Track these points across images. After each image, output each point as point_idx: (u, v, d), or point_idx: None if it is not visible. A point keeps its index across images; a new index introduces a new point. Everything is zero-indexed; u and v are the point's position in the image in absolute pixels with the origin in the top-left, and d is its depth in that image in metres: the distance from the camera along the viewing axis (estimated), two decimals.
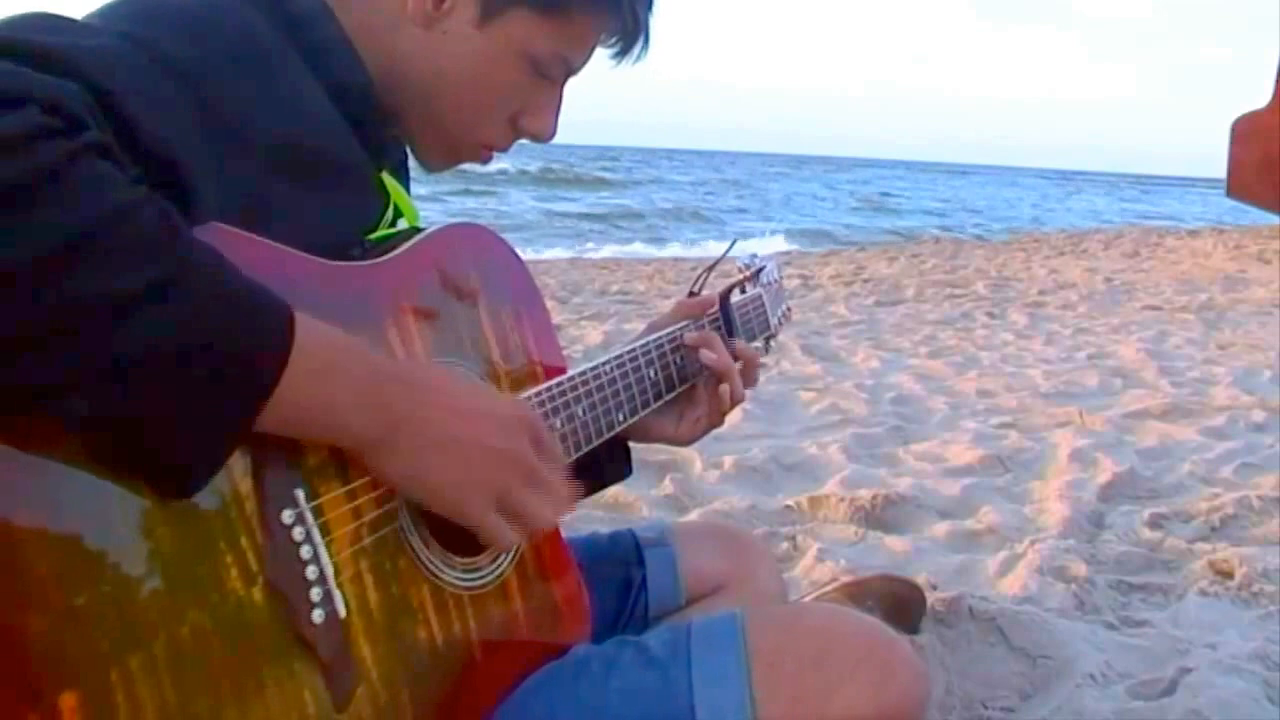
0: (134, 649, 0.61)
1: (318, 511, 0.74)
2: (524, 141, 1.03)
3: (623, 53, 0.99)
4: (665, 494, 2.56)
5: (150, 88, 0.71)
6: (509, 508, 0.81)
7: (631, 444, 1.22)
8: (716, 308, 1.23)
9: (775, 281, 1.43)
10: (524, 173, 26.51)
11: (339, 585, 0.74)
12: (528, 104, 0.98)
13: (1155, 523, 2.38)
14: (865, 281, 8.21)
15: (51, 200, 0.58)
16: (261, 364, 0.66)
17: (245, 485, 0.69)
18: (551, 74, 0.97)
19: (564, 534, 1.02)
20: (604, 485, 1.22)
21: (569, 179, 28.47)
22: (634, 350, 1.11)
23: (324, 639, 0.73)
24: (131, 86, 0.69)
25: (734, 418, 3.36)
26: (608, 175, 32.65)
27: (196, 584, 0.65)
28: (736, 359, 1.18)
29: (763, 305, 1.37)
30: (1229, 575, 2.06)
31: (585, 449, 1.01)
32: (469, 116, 0.97)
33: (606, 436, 1.05)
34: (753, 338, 1.32)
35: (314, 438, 0.73)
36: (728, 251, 1.32)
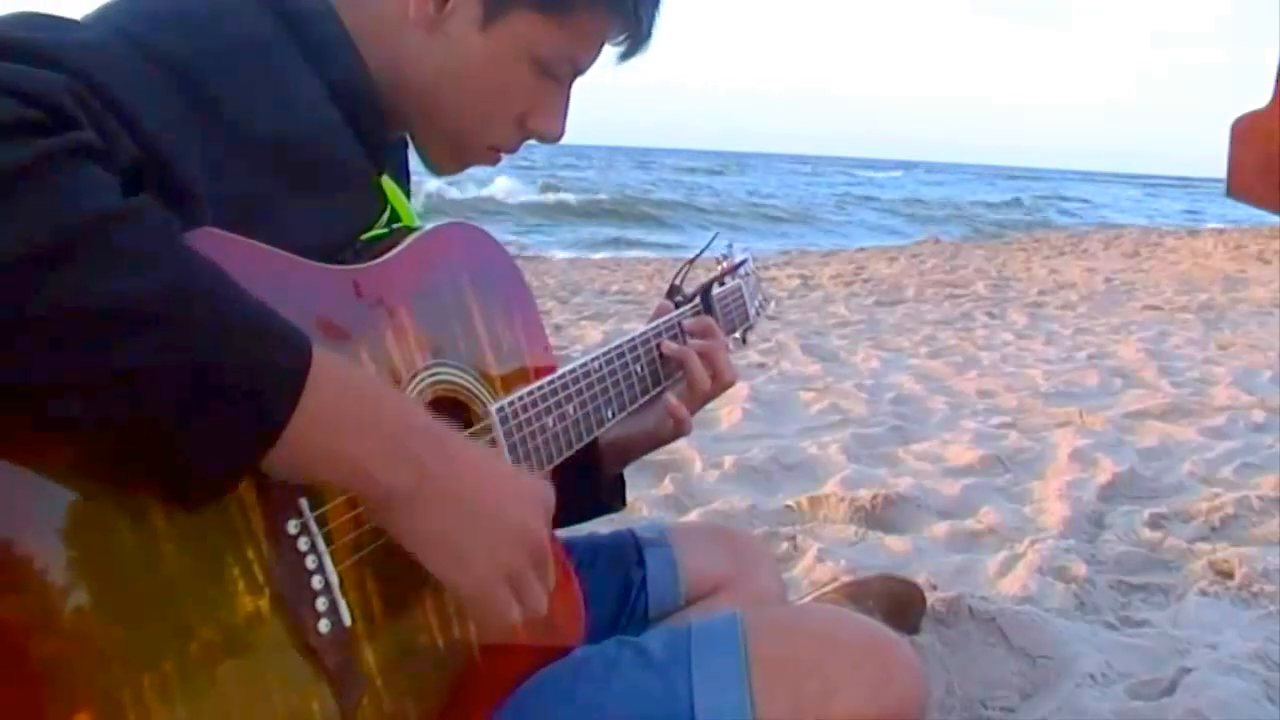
0: (146, 666, 0.61)
1: (321, 521, 0.74)
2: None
3: (630, 51, 0.98)
4: (665, 494, 2.57)
5: (142, 82, 0.69)
6: (514, 585, 0.78)
7: (628, 462, 1.23)
8: (699, 302, 1.26)
9: (752, 274, 1.46)
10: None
11: (343, 594, 0.74)
12: (535, 105, 0.97)
13: (1155, 523, 2.38)
14: (865, 281, 8.20)
15: (20, 203, 0.55)
16: (269, 400, 0.62)
17: (250, 496, 0.69)
18: (558, 74, 0.95)
19: (561, 534, 1.02)
20: (598, 513, 1.23)
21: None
22: (620, 347, 1.12)
23: (331, 649, 0.73)
24: (122, 80, 0.67)
25: (734, 417, 3.39)
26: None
27: (205, 597, 0.65)
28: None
29: (742, 297, 1.40)
30: (1229, 575, 2.06)
31: (576, 447, 1.01)
32: (474, 118, 0.96)
33: (597, 433, 1.05)
34: (732, 329, 1.36)
35: (327, 482, 0.71)
36: (709, 245, 1.36)
